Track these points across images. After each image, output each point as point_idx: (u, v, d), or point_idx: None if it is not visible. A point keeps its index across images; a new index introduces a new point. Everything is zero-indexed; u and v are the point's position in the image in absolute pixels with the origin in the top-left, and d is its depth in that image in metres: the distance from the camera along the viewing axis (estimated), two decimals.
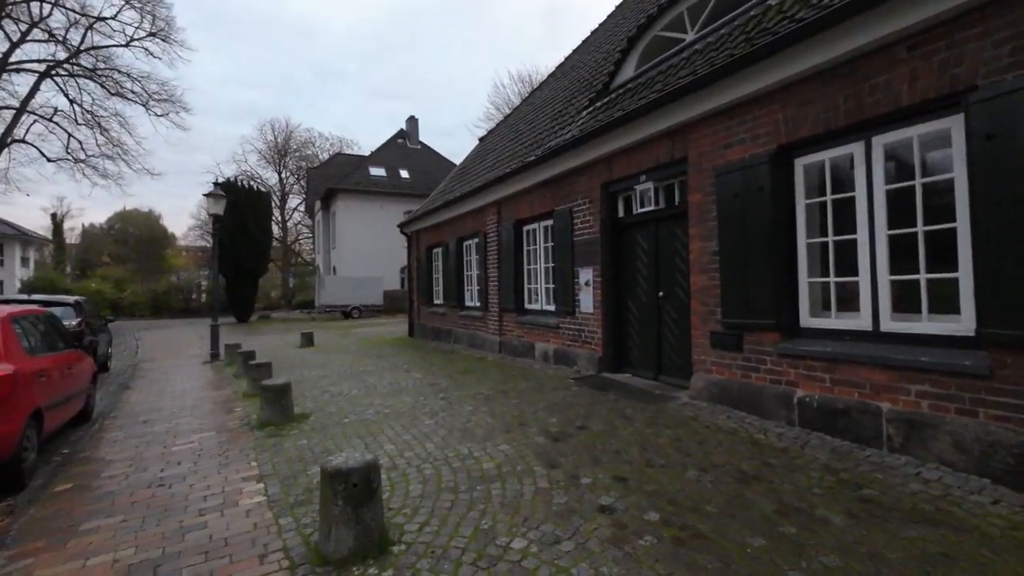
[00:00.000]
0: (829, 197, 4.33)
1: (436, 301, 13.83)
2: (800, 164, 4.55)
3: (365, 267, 30.02)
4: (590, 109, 7.90)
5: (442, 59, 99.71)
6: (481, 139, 16.73)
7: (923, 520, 2.84)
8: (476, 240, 11.14)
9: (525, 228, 9.27)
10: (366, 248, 30.85)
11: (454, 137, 78.45)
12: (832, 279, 4.33)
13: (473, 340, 11.10)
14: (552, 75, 14.78)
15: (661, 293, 6.29)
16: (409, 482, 3.69)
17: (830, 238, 4.33)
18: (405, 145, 37.71)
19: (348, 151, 46.09)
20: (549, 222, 8.49)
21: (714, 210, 5.24)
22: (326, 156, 45.80)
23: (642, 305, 6.66)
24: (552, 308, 8.43)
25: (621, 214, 7.04)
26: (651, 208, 6.31)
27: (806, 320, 4.52)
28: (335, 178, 33.54)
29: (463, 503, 3.30)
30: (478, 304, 11.08)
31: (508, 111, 20.26)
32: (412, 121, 38.89)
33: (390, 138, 37.76)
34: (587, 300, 7.29)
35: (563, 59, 14.66)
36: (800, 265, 4.56)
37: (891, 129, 3.87)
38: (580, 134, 6.94)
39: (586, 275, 7.31)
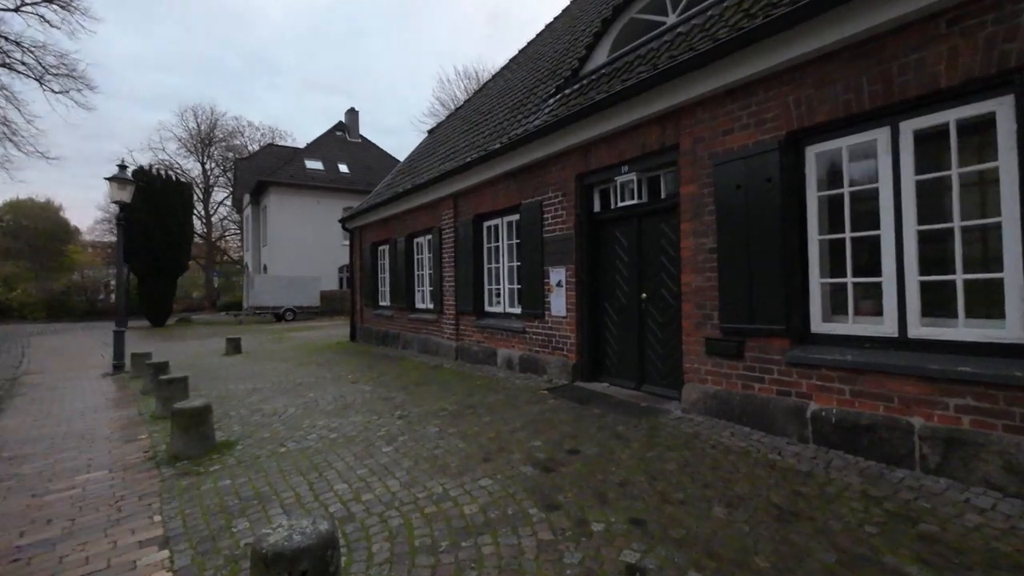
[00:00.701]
0: (846, 189, 3.91)
1: (383, 303, 12.76)
2: (812, 152, 4.12)
3: (300, 266, 28.03)
4: (558, 97, 7.28)
5: (382, 57, 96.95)
6: (430, 131, 15.78)
7: (1009, 567, 2.38)
8: (429, 237, 10.25)
9: (486, 224, 8.52)
10: (301, 245, 28.85)
11: (397, 135, 76.09)
12: (849, 279, 3.92)
13: (426, 345, 10.19)
14: (506, 67, 14.10)
15: (644, 295, 5.75)
16: (371, 540, 2.84)
17: (847, 234, 3.92)
18: (344, 138, 35.80)
19: (282, 143, 43.30)
20: (515, 217, 7.78)
21: (711, 203, 4.74)
22: (256, 148, 42.73)
23: (622, 308, 6.11)
24: (517, 311, 7.73)
25: (598, 208, 6.46)
26: (633, 202, 5.76)
27: (818, 325, 4.09)
28: (267, 170, 31.17)
29: (448, 570, 2.51)
30: (431, 306, 10.19)
31: (455, 107, 19.36)
32: (352, 114, 37.02)
33: (328, 130, 35.73)
34: (559, 302, 6.65)
35: (518, 51, 14.03)
36: (811, 264, 4.12)
37: (923, 113, 3.48)
38: (553, 120, 6.28)
39: (558, 275, 6.67)
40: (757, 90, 4.36)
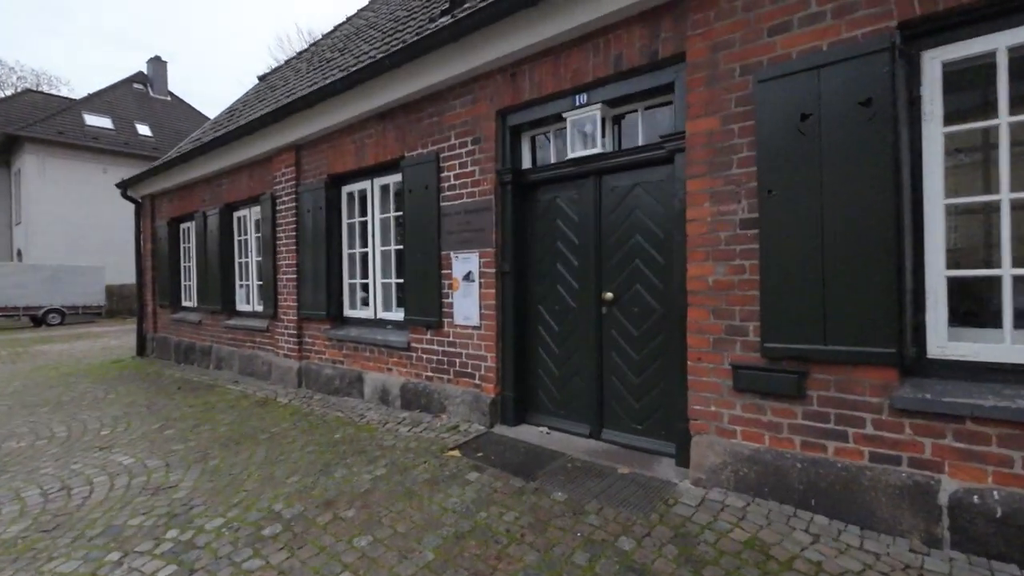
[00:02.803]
0: (1005, 119, 2.35)
1: (186, 303, 9.07)
2: (934, 59, 2.50)
3: (77, 252, 21.14)
4: (448, 18, 4.95)
5: (209, 10, 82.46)
6: (262, 77, 12.07)
7: None
8: (257, 208, 7.13)
9: (348, 189, 5.84)
10: (78, 225, 21.83)
11: (222, 105, 65.04)
12: (1007, 271, 2.37)
13: (251, 365, 7.07)
14: (366, 8, 11.22)
15: (608, 295, 3.78)
16: None
17: (1005, 194, 2.36)
18: (146, 93, 28.39)
19: (52, 92, 33.20)
20: (393, 178, 5.28)
21: (745, 147, 2.93)
22: (10, 93, 32.09)
23: (567, 313, 4.08)
24: (398, 316, 5.25)
25: (528, 164, 4.34)
26: (592, 151, 3.75)
27: (940, 345, 2.50)
28: (21, 121, 23.02)
29: None
30: (260, 308, 7.09)
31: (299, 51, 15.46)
32: (158, 64, 29.53)
33: (122, 80, 27.94)
34: (467, 305, 4.39)
35: None
36: (931, 244, 2.51)
37: None
38: (462, 21, 3.97)
39: (466, 264, 4.40)
40: None
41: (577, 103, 3.79)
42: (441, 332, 4.63)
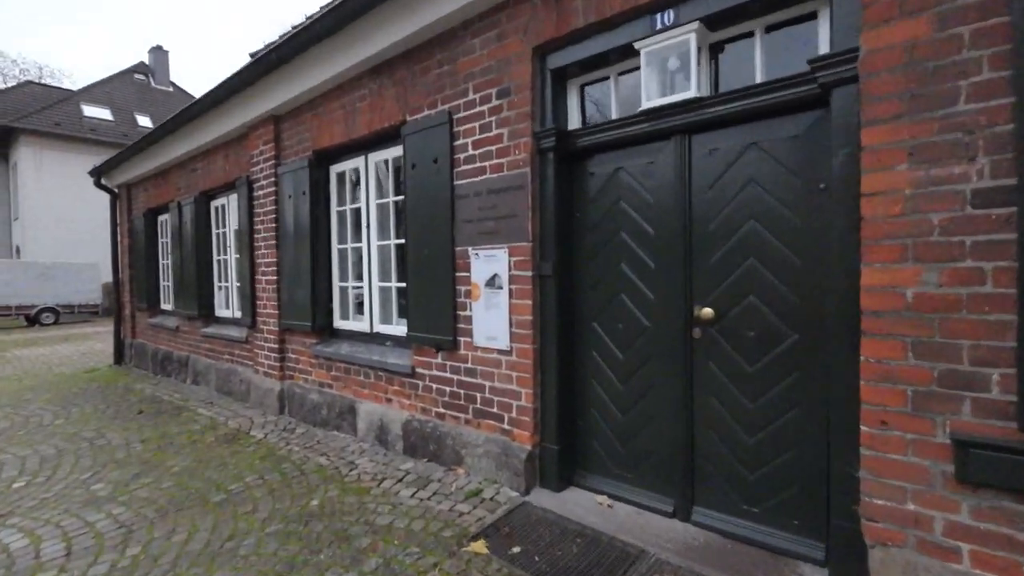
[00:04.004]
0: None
1: (165, 305, 8.00)
2: None
3: (73, 248, 20.35)
4: None
5: (216, 4, 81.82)
6: (254, 54, 10.90)
7: None
8: (234, 195, 5.98)
9: (336, 169, 4.66)
10: (74, 220, 21.02)
11: None
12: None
13: (229, 383, 5.95)
14: None
15: (706, 312, 2.55)
16: None
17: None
18: (147, 84, 27.52)
19: (54, 85, 32.49)
20: (393, 151, 4.08)
21: (986, 62, 1.68)
22: (12, 84, 31.41)
23: (640, 335, 2.85)
24: (399, 332, 4.07)
25: (577, 123, 3.11)
26: (682, 96, 2.51)
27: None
28: (16, 113, 22.21)
29: None
30: (239, 315, 5.96)
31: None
32: (160, 54, 28.65)
33: (122, 71, 27.08)
34: (492, 320, 3.19)
35: None
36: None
37: None
38: None
39: (490, 265, 3.19)
40: None
41: (658, 25, 2.55)
42: (456, 356, 3.44)
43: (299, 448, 4.06)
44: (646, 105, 2.63)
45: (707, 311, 2.53)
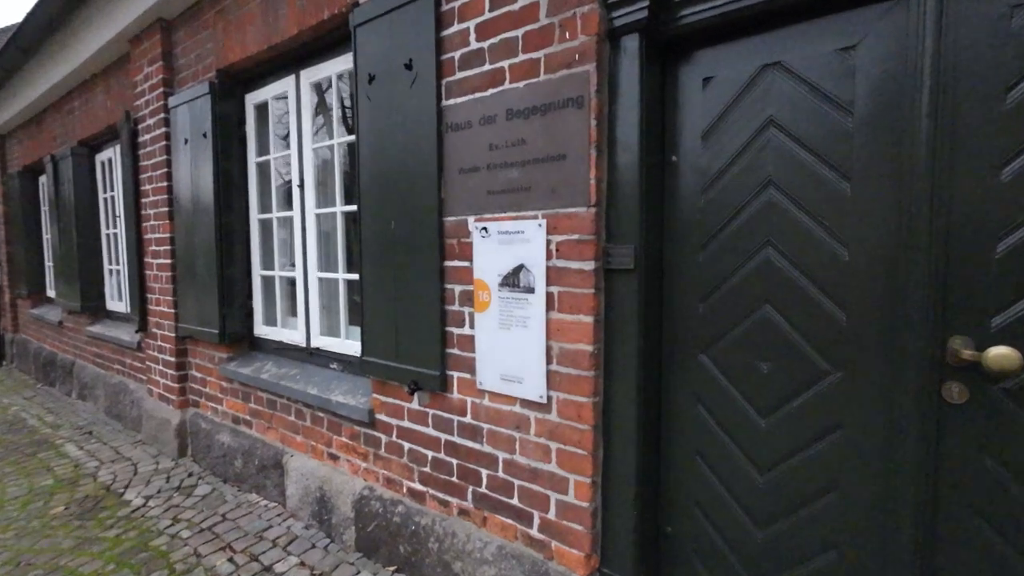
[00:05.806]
0: None
1: (50, 292, 6.21)
2: None
3: None
4: None
5: None
6: None
7: None
8: (118, 146, 4.27)
9: (253, 98, 3.09)
10: None
11: None
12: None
13: (118, 403, 4.35)
14: None
15: (992, 350, 1.22)
16: None
17: None
18: None
19: None
20: (338, 63, 2.55)
21: None
22: None
23: (806, 385, 1.51)
24: (349, 348, 2.61)
25: None
26: None
27: None
28: None
29: None
30: (129, 309, 4.33)
31: None
32: None
33: None
34: (515, 344, 1.78)
35: None
36: None
37: None
38: None
39: (509, 249, 1.78)
40: None
41: None
42: (445, 402, 2.03)
43: (190, 533, 2.58)
44: None
45: (996, 353, 1.20)
